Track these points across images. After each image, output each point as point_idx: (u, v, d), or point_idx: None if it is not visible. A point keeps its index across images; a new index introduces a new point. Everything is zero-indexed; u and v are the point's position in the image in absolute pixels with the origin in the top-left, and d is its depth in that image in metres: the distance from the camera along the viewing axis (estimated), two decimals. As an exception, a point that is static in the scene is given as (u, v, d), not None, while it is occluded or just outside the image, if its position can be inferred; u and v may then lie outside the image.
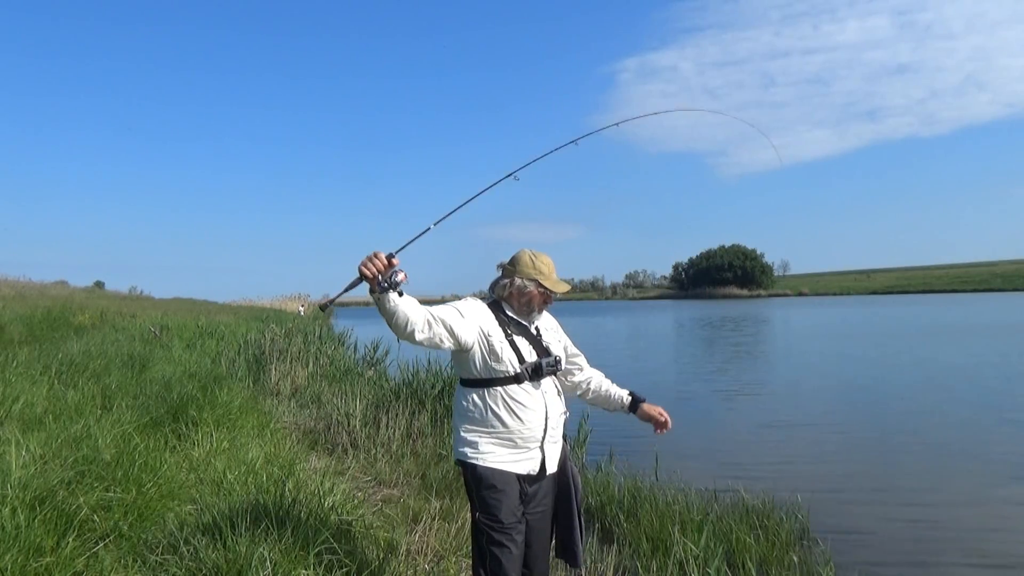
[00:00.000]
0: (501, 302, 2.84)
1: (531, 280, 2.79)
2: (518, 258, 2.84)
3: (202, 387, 6.74)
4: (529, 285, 2.79)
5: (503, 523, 2.60)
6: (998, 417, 9.57)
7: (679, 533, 4.44)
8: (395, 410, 7.15)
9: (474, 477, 2.67)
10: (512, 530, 2.61)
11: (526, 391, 2.72)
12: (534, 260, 2.82)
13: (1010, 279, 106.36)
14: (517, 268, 2.82)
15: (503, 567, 2.57)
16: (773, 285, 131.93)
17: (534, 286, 2.80)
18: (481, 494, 2.64)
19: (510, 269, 2.83)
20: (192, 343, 14.73)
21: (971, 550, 4.94)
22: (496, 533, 2.59)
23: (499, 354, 2.68)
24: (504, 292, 2.82)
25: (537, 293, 2.81)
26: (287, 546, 3.13)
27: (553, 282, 2.82)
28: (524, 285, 2.79)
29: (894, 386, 12.84)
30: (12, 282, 26.97)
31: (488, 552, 2.59)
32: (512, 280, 2.80)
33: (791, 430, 9.26)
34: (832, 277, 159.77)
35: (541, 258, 2.84)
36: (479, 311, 2.77)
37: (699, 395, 12.59)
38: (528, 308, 2.83)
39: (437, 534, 4.21)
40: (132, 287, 56.79)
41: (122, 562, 3.10)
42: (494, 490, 2.62)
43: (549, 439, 2.77)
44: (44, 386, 6.50)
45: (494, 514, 2.61)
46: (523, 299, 2.81)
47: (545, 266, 2.83)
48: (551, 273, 2.84)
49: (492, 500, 2.62)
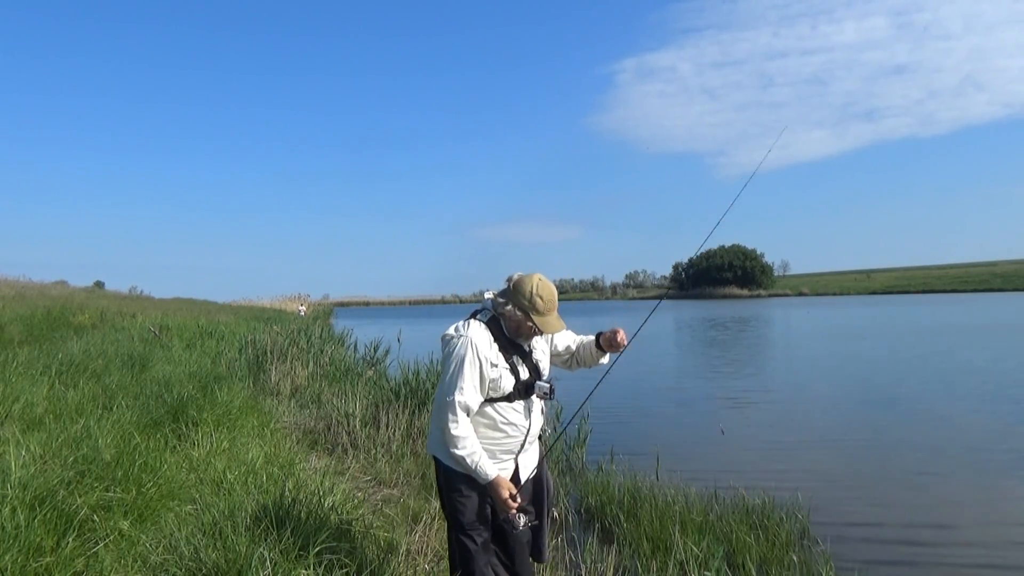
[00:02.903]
0: (498, 318, 2.80)
1: (523, 311, 2.70)
2: (521, 284, 2.72)
3: (202, 387, 6.74)
4: (520, 314, 2.72)
5: (464, 524, 2.75)
6: (998, 417, 9.57)
7: (679, 533, 4.44)
8: (395, 410, 7.15)
9: (445, 478, 2.79)
10: (473, 530, 2.75)
11: (515, 408, 2.79)
12: (535, 291, 2.69)
13: (1010, 279, 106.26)
14: (515, 294, 2.72)
15: (470, 563, 2.73)
16: (773, 285, 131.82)
17: (525, 318, 2.71)
18: (449, 495, 2.77)
19: (511, 291, 2.75)
20: (192, 343, 14.71)
21: (971, 550, 4.94)
22: (459, 532, 2.76)
23: (499, 384, 2.72)
24: (500, 310, 2.78)
25: (527, 325, 2.74)
26: (287, 546, 3.13)
27: (544, 321, 2.71)
28: (515, 313, 2.72)
29: (894, 386, 12.84)
30: (12, 282, 26.95)
31: (456, 548, 2.78)
32: (507, 303, 2.74)
33: (791, 430, 9.25)
34: (832, 277, 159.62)
35: (544, 290, 2.71)
36: (483, 356, 2.67)
37: (699, 395, 12.59)
38: (518, 334, 2.80)
39: (437, 534, 4.21)
40: (132, 287, 56.87)
41: (122, 562, 3.09)
42: (460, 493, 2.75)
43: (524, 451, 2.87)
44: (44, 386, 6.50)
45: (458, 515, 2.76)
46: (513, 324, 2.77)
47: (543, 301, 2.69)
48: (548, 309, 2.72)
49: (458, 502, 2.75)
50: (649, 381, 13.93)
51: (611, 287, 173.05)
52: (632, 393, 12.08)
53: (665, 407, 10.91)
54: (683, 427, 9.71)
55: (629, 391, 12.19)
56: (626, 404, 11.02)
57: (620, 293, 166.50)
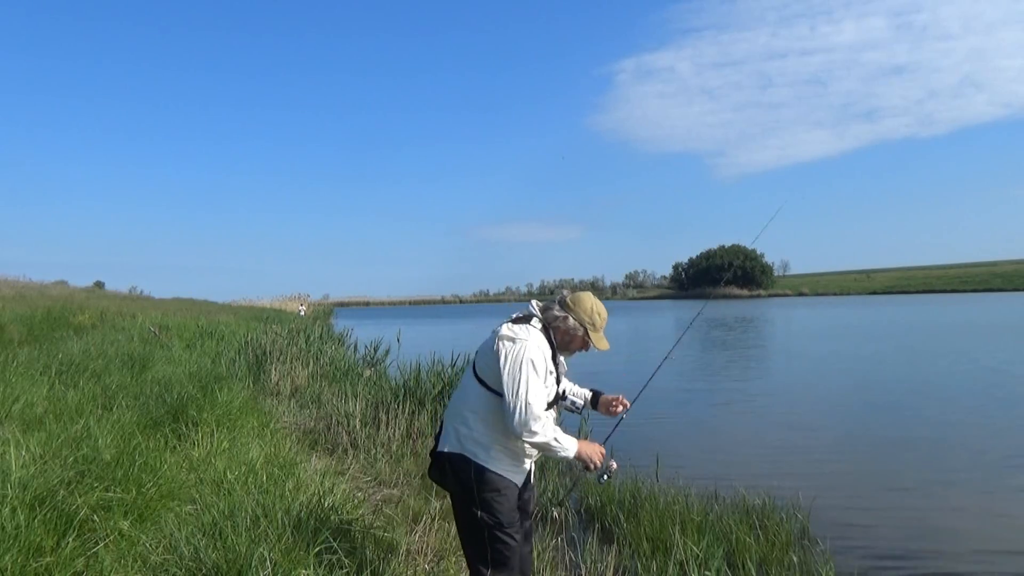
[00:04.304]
0: (549, 329, 2.91)
1: (582, 326, 2.89)
2: (581, 300, 2.93)
3: (202, 387, 6.73)
4: (579, 330, 2.89)
5: (503, 523, 2.77)
6: (998, 417, 9.57)
7: (679, 533, 4.44)
8: (395, 410, 7.16)
9: (480, 479, 2.79)
10: (511, 527, 2.80)
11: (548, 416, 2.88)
12: (594, 309, 2.91)
13: (1010, 279, 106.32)
14: (576, 308, 2.90)
15: (510, 560, 2.78)
16: (773, 285, 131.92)
17: (582, 333, 2.90)
18: (485, 495, 2.78)
19: (570, 306, 2.91)
20: (192, 343, 14.72)
21: (971, 550, 4.94)
22: (497, 530, 2.77)
23: (548, 392, 2.81)
24: (555, 323, 2.89)
25: (581, 339, 2.92)
26: (287, 546, 3.13)
27: (598, 339, 2.93)
28: (576, 328, 2.89)
29: (894, 386, 12.83)
30: (12, 282, 26.99)
31: (490, 548, 2.77)
32: (567, 317, 2.88)
33: (791, 430, 9.26)
34: (832, 277, 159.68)
35: (600, 310, 2.94)
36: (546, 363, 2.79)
37: (699, 395, 12.58)
38: (566, 347, 2.95)
39: (437, 534, 4.22)
40: (132, 287, 56.96)
41: (122, 562, 3.09)
42: (498, 493, 2.79)
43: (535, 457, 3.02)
44: (44, 386, 6.50)
45: (496, 514, 2.77)
46: (567, 338, 2.91)
47: (601, 319, 2.93)
48: (602, 327, 2.95)
49: (497, 502, 2.79)
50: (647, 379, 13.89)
51: (611, 287, 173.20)
52: (632, 393, 12.05)
53: (665, 407, 10.89)
54: (683, 427, 9.70)
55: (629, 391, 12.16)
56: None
57: (620, 293, 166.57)
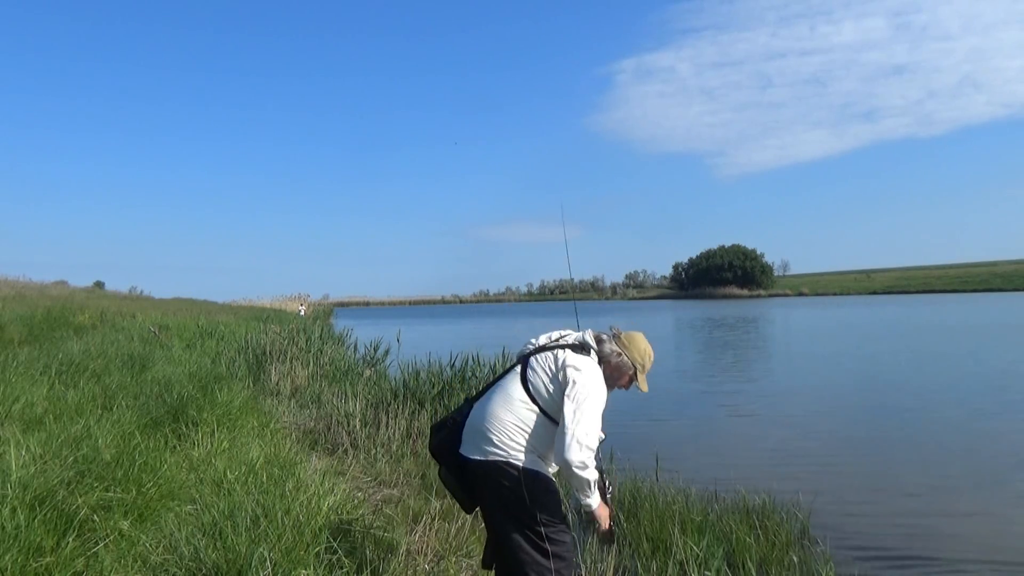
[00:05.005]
0: (602, 363, 2.98)
1: (634, 366, 3.01)
2: (635, 340, 3.06)
3: (202, 387, 6.74)
4: (631, 369, 3.02)
5: (560, 519, 2.89)
6: (998, 416, 9.57)
7: (679, 533, 4.44)
8: (395, 410, 7.16)
9: (546, 488, 2.89)
10: (566, 523, 2.93)
11: None
12: (646, 351, 3.06)
13: (1010, 279, 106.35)
14: (630, 347, 3.03)
15: (571, 555, 2.88)
16: (773, 285, 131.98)
17: (632, 372, 3.02)
18: (548, 499, 2.88)
19: (624, 344, 3.04)
20: (192, 343, 14.73)
21: (971, 549, 4.95)
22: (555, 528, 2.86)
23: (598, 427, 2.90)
24: (609, 358, 2.98)
25: (628, 379, 3.04)
26: (287, 546, 3.13)
27: (643, 380, 3.07)
28: (628, 367, 3.01)
29: (894, 386, 12.84)
30: (12, 282, 27.00)
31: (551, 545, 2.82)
32: (622, 355, 3.00)
33: (791, 430, 9.26)
34: (832, 277, 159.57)
35: (651, 353, 3.09)
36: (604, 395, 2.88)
37: (699, 396, 12.59)
38: (612, 384, 3.02)
39: (437, 534, 4.21)
40: (132, 287, 56.98)
41: (122, 562, 3.09)
42: (556, 494, 2.93)
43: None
44: (44, 386, 6.50)
45: (556, 512, 2.89)
46: (616, 374, 3.01)
47: (650, 361, 3.08)
48: (647, 370, 3.07)
49: (554, 501, 2.91)
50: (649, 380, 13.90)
51: (611, 287, 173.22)
52: (632, 392, 12.05)
53: (665, 407, 10.90)
54: (683, 427, 9.71)
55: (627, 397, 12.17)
56: (626, 404, 11.01)
57: (620, 293, 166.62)
